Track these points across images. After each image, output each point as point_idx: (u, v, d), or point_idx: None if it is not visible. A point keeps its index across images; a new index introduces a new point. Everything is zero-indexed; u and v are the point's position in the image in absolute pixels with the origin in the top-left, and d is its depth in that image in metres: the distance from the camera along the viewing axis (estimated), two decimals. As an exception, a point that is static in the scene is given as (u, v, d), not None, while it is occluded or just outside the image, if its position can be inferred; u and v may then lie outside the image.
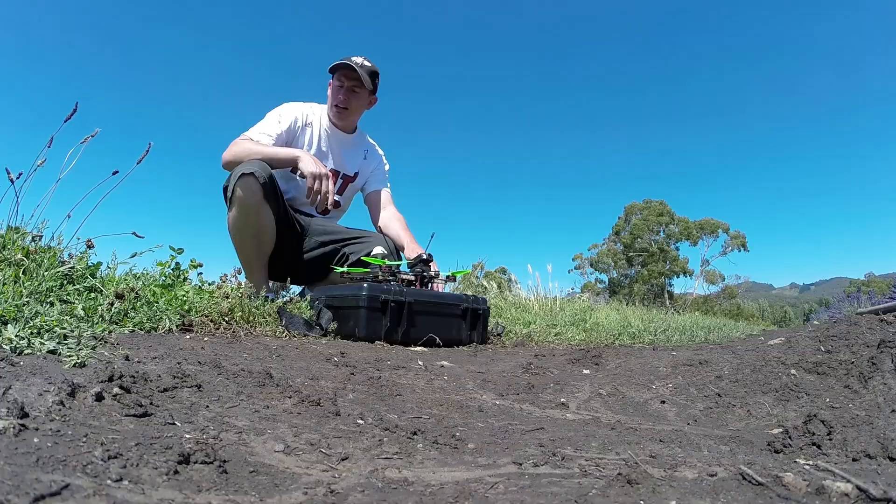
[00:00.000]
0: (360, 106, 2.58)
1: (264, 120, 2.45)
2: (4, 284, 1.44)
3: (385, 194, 2.68)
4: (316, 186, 2.22)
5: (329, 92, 2.57)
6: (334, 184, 2.53)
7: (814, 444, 0.89)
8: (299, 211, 2.58)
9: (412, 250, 2.53)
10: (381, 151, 2.78)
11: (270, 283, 2.63)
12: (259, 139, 2.34)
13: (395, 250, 2.60)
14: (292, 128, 2.47)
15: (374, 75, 2.55)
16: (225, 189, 2.36)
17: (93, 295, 1.69)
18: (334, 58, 2.52)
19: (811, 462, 0.81)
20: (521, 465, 0.82)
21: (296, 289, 2.86)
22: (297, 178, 2.45)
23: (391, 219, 2.64)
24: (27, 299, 1.42)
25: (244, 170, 2.20)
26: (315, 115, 2.57)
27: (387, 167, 2.79)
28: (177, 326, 1.74)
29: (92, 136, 1.94)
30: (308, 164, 2.24)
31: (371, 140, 2.77)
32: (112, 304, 1.61)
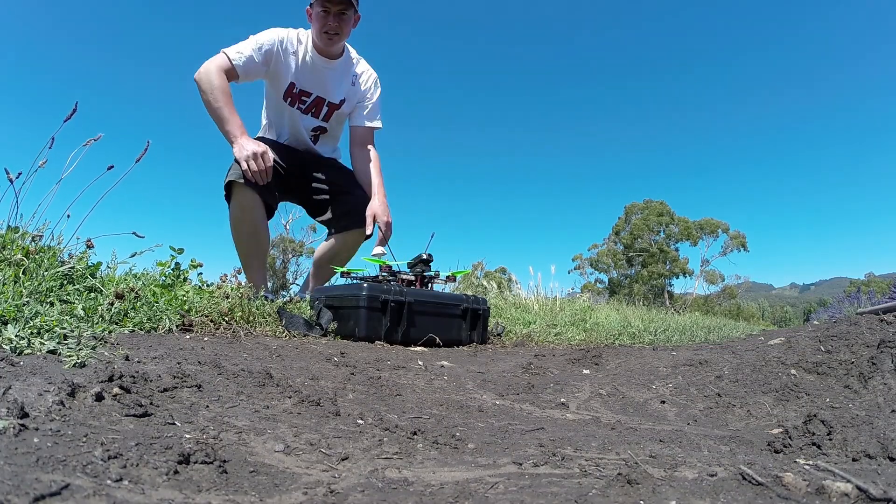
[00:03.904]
0: (348, 30, 2.48)
1: (246, 40, 2.39)
2: (4, 284, 1.44)
3: (365, 132, 2.63)
4: (251, 167, 2.22)
5: (312, 18, 2.47)
6: (319, 112, 2.54)
7: (814, 444, 0.89)
8: (294, 148, 2.64)
9: (376, 198, 2.56)
10: (372, 76, 2.67)
11: (269, 284, 2.64)
12: (233, 57, 2.32)
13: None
14: (271, 55, 2.41)
15: None
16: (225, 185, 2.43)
17: (93, 295, 1.69)
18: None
19: (811, 462, 0.81)
20: (521, 465, 0.82)
21: (295, 289, 2.88)
22: (287, 111, 2.52)
23: (365, 161, 2.62)
24: (27, 299, 1.42)
25: (236, 177, 2.28)
26: (300, 43, 2.49)
27: (377, 94, 2.70)
28: (177, 326, 1.74)
29: (95, 140, 1.94)
30: (238, 152, 2.24)
31: (362, 64, 2.66)
32: (112, 304, 1.61)
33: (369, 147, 2.65)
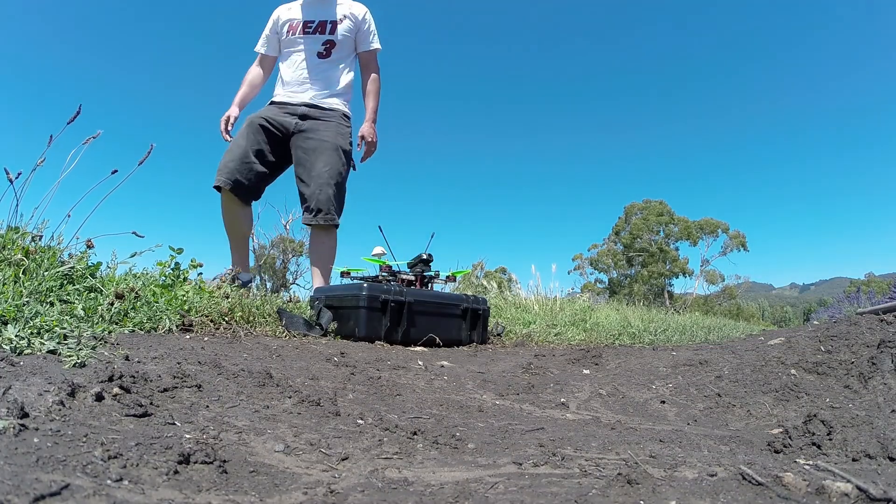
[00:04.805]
0: None
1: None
2: (4, 284, 1.44)
3: (366, 55, 2.97)
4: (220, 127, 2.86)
5: None
6: (325, 29, 2.88)
7: (814, 444, 0.89)
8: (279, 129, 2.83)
9: (366, 122, 2.90)
10: (361, 8, 2.95)
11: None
12: (258, 49, 2.98)
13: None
14: (276, 26, 2.93)
15: None
16: None
17: (93, 295, 1.69)
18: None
19: (811, 462, 0.81)
20: (521, 465, 0.82)
21: (295, 289, 2.90)
22: (292, 41, 2.89)
23: (366, 87, 2.97)
24: (27, 299, 1.42)
25: (216, 181, 2.64)
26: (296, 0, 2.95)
27: (369, 22, 2.97)
28: (177, 326, 1.74)
29: (94, 138, 1.94)
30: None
31: (346, 2, 2.97)
32: (112, 304, 1.61)
33: (371, 72, 2.98)
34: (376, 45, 2.95)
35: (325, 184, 2.64)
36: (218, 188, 2.66)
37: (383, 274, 2.74)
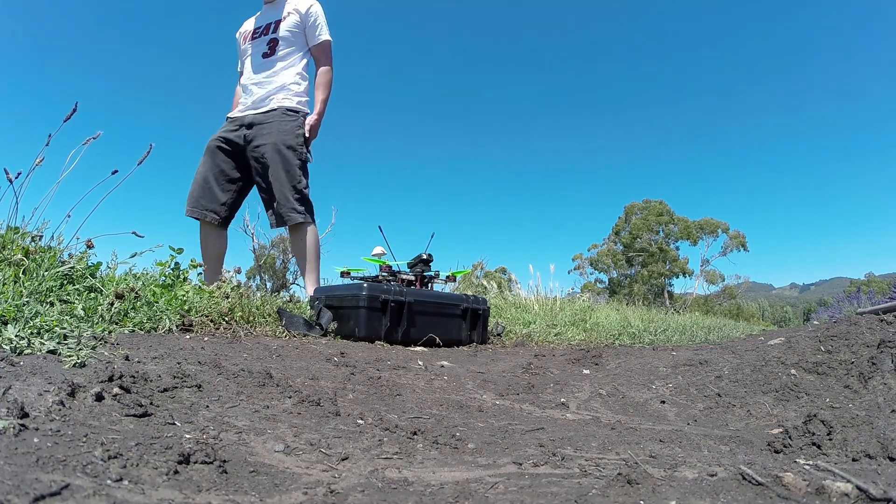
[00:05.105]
0: None
1: None
2: (4, 284, 1.44)
3: (315, 49, 2.93)
4: None
5: None
6: (268, 30, 2.92)
7: (814, 444, 0.89)
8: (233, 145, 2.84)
9: (314, 114, 2.90)
10: (306, 2, 2.93)
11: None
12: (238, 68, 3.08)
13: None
14: (238, 43, 3.02)
15: None
16: None
17: (93, 295, 1.69)
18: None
19: (811, 462, 0.81)
20: (521, 465, 0.82)
21: (295, 289, 2.89)
22: (243, 50, 2.98)
23: (317, 78, 2.94)
24: (27, 299, 1.42)
25: (186, 202, 2.76)
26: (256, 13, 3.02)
27: (315, 15, 2.93)
28: (177, 326, 1.74)
29: (94, 139, 1.95)
30: None
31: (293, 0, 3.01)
32: (112, 304, 1.61)
33: (321, 65, 2.95)
34: (325, 37, 2.92)
35: (276, 189, 2.66)
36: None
37: (383, 274, 2.74)
